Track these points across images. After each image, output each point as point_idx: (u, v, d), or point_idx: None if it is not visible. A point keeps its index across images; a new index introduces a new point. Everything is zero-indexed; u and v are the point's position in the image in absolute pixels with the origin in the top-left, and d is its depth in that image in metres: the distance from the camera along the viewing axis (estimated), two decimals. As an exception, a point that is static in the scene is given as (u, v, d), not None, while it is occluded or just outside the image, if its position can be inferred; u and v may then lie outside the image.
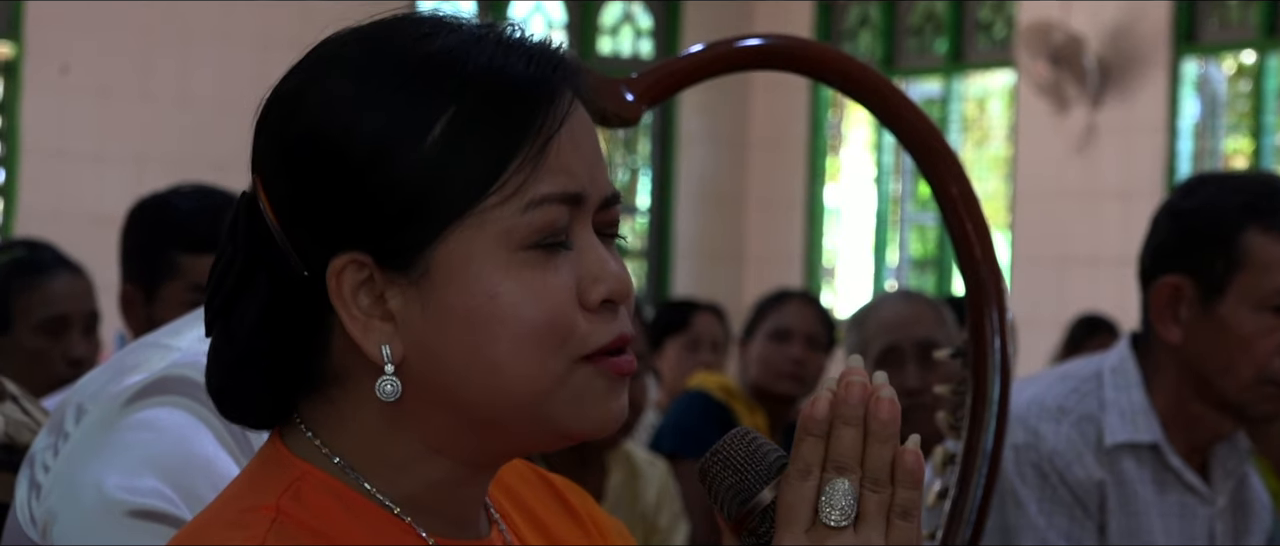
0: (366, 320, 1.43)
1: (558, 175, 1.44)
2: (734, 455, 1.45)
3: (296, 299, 1.45)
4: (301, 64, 1.49)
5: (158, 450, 1.97)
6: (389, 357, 1.43)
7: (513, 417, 1.45)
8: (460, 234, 1.42)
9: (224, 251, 1.49)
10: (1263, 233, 2.90)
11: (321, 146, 1.43)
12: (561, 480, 1.69)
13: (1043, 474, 2.93)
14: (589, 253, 1.45)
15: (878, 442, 1.41)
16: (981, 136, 11.96)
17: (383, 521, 1.46)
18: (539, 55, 1.46)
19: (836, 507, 1.40)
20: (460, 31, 1.46)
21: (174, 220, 3.30)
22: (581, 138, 1.46)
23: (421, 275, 1.42)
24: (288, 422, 1.50)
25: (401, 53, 1.45)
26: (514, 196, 1.42)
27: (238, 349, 1.48)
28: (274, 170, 1.46)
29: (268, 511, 1.44)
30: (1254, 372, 2.90)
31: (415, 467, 1.47)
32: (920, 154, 2.17)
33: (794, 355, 5.51)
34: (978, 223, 2.17)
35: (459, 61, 1.44)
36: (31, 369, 3.66)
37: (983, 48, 11.71)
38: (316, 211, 1.44)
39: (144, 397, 2.02)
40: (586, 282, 1.44)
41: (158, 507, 1.93)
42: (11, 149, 10.68)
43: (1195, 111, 10.63)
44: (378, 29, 1.48)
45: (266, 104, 1.49)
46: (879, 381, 1.43)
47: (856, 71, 2.17)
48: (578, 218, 1.45)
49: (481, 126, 1.42)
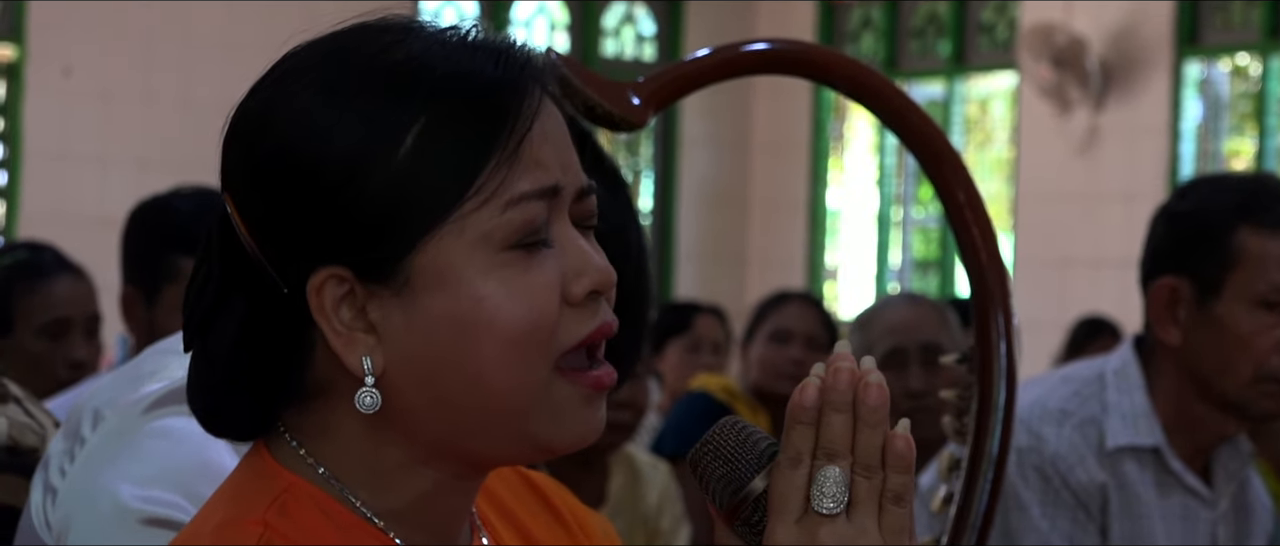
0: (349, 333, 1.42)
1: (533, 171, 1.42)
2: (724, 444, 1.44)
3: (276, 313, 1.44)
4: (266, 78, 1.47)
5: (174, 459, 1.97)
6: (370, 370, 1.42)
7: (493, 428, 1.44)
8: (439, 241, 1.41)
9: (199, 267, 1.48)
10: (1255, 230, 2.90)
11: (293, 164, 1.41)
12: (543, 478, 1.69)
13: (1045, 477, 2.93)
14: (570, 246, 1.44)
15: (867, 428, 1.40)
16: (984, 138, 11.96)
17: (366, 535, 1.45)
18: (506, 54, 1.45)
19: (828, 494, 1.40)
20: (425, 36, 1.45)
21: (174, 223, 3.29)
22: (552, 131, 1.45)
23: (403, 285, 1.41)
24: (273, 432, 1.49)
25: (367, 63, 1.43)
26: (491, 198, 1.41)
27: (218, 365, 1.47)
28: (246, 188, 1.44)
29: (254, 525, 1.43)
30: (1253, 370, 2.90)
31: (400, 478, 1.46)
32: (926, 158, 2.16)
33: (795, 356, 5.51)
34: (984, 227, 2.16)
35: (426, 68, 1.43)
36: (33, 371, 3.66)
37: (985, 50, 11.71)
38: (292, 228, 1.42)
39: (162, 406, 2.02)
40: (570, 277, 1.44)
41: (171, 516, 1.94)
42: (14, 151, 10.69)
43: (1198, 113, 10.63)
44: (342, 39, 1.47)
45: (233, 120, 1.47)
46: (867, 367, 1.42)
47: (863, 76, 2.16)
48: (555, 211, 1.44)
49: (453, 132, 1.41)
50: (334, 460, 1.46)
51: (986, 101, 11.97)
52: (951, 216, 2.16)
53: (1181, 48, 10.52)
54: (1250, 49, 10.57)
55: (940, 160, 2.14)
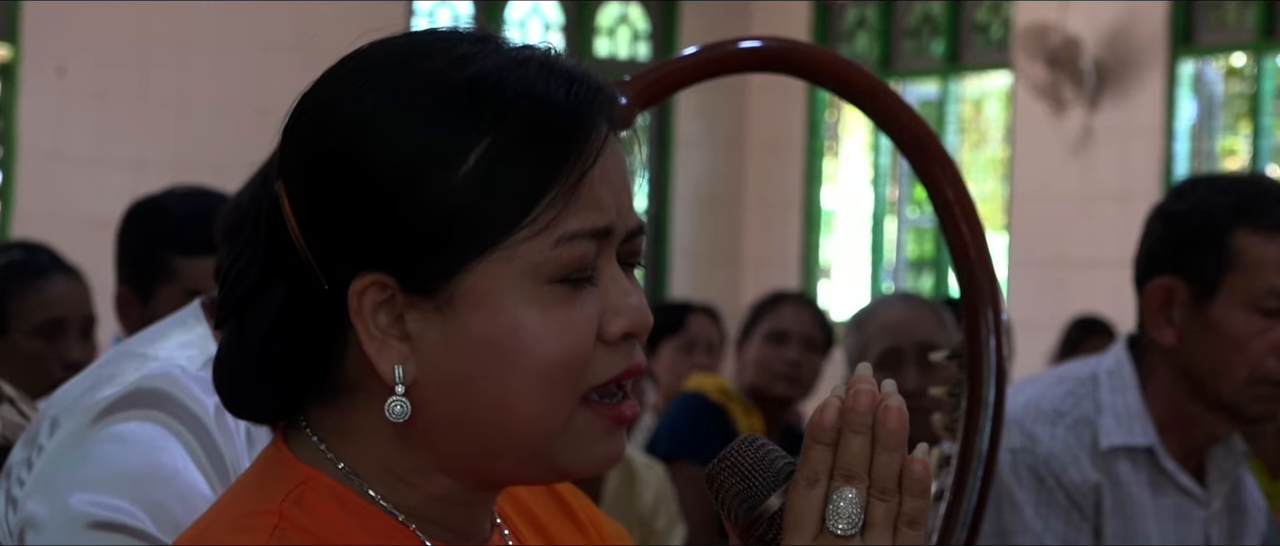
0: (384, 339, 1.42)
1: (590, 211, 1.42)
2: (742, 461, 1.45)
3: (314, 307, 1.44)
4: (334, 74, 1.47)
5: (125, 464, 1.98)
6: (401, 379, 1.42)
7: (515, 450, 1.44)
8: (488, 265, 1.41)
9: (243, 249, 1.48)
10: (1252, 233, 2.90)
11: (352, 166, 1.41)
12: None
13: (1039, 477, 2.93)
14: (613, 286, 1.45)
15: (886, 451, 1.41)
16: (978, 138, 11.96)
17: (386, 527, 1.46)
18: (579, 83, 1.44)
19: (843, 516, 1.40)
20: (499, 54, 1.44)
21: (169, 223, 3.29)
22: (613, 170, 1.45)
23: (445, 302, 1.41)
24: (294, 425, 1.49)
25: (439, 74, 1.43)
26: (545, 231, 1.41)
27: (250, 348, 1.47)
28: (300, 181, 1.44)
29: (270, 516, 1.43)
30: (1248, 373, 2.90)
31: (420, 483, 1.47)
32: (915, 156, 2.16)
33: (790, 357, 5.51)
34: (973, 225, 2.17)
35: (497, 88, 1.42)
36: (28, 372, 3.66)
37: (980, 49, 11.71)
38: (342, 229, 1.42)
39: (114, 411, 2.03)
40: (608, 316, 1.44)
41: (120, 520, 1.95)
42: (9, 151, 10.68)
43: (1192, 113, 10.63)
44: (416, 45, 1.46)
45: (296, 112, 1.46)
46: (887, 390, 1.43)
47: (850, 74, 2.17)
48: (603, 250, 1.44)
49: (517, 158, 1.41)
50: (354, 458, 1.47)
51: (981, 101, 11.97)
52: (940, 214, 2.17)
53: (1176, 47, 10.52)
54: (1244, 48, 10.58)
55: (928, 158, 2.15)
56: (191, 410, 2.04)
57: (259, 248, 1.46)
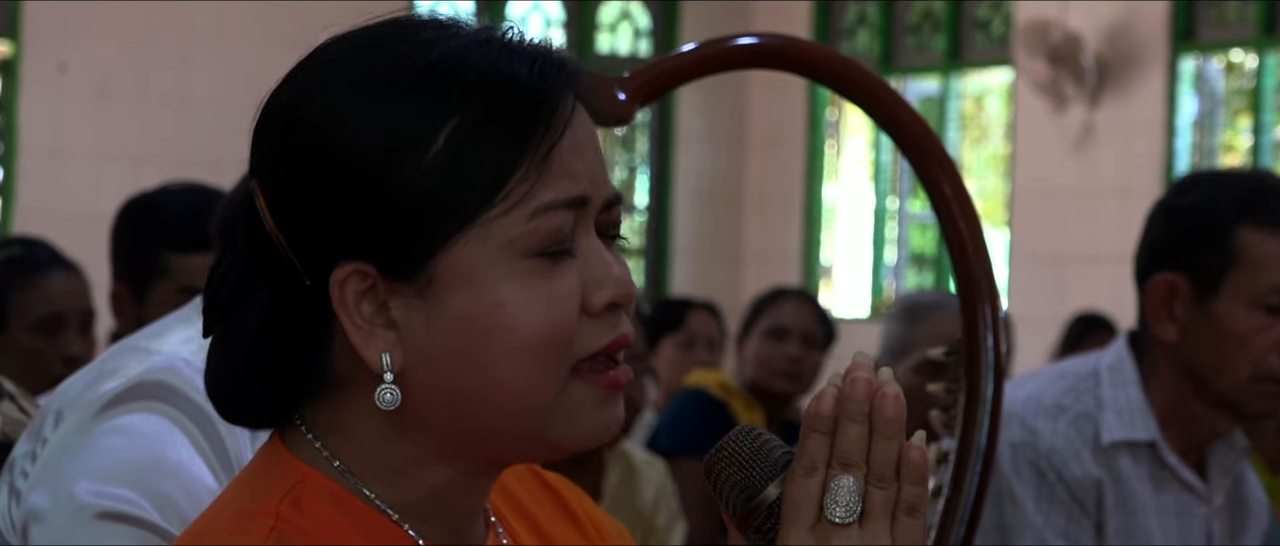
0: (369, 328, 1.42)
1: (562, 181, 1.43)
2: (739, 451, 1.45)
3: (298, 304, 1.44)
4: (299, 70, 1.47)
5: (129, 455, 1.99)
6: (389, 366, 1.42)
7: (509, 428, 1.44)
8: (465, 244, 1.41)
9: (223, 254, 1.48)
10: (1256, 229, 2.90)
11: (323, 158, 1.42)
12: (558, 479, 1.69)
13: (1040, 472, 2.93)
14: (593, 257, 1.45)
15: (883, 439, 1.41)
16: (979, 134, 11.97)
17: (381, 527, 1.46)
18: (541, 59, 1.45)
19: (841, 504, 1.40)
20: (461, 36, 1.45)
21: (163, 220, 3.29)
22: (583, 141, 1.45)
23: (425, 285, 1.42)
24: (289, 424, 1.49)
25: (402, 60, 1.43)
26: (518, 205, 1.41)
27: (238, 353, 1.47)
28: (274, 179, 1.45)
29: (267, 517, 1.43)
30: (1250, 370, 2.90)
31: (416, 474, 1.47)
32: (913, 152, 2.16)
33: (790, 353, 5.51)
34: (971, 221, 2.17)
35: (461, 69, 1.42)
36: (27, 367, 3.66)
37: (981, 46, 11.72)
38: (319, 222, 1.42)
39: (118, 404, 2.03)
40: (591, 287, 1.44)
41: (126, 510, 1.95)
42: (9, 148, 10.68)
43: (1193, 109, 10.64)
44: (377, 34, 1.46)
45: (264, 112, 1.47)
46: (884, 377, 1.43)
47: (848, 70, 2.17)
48: (581, 221, 1.44)
49: (485, 136, 1.41)
50: (349, 454, 1.47)
51: (982, 97, 11.98)
52: (938, 210, 2.17)
53: (1177, 43, 10.52)
54: (1245, 44, 10.58)
55: (926, 153, 2.15)
56: (196, 402, 2.05)
57: (239, 252, 1.47)
